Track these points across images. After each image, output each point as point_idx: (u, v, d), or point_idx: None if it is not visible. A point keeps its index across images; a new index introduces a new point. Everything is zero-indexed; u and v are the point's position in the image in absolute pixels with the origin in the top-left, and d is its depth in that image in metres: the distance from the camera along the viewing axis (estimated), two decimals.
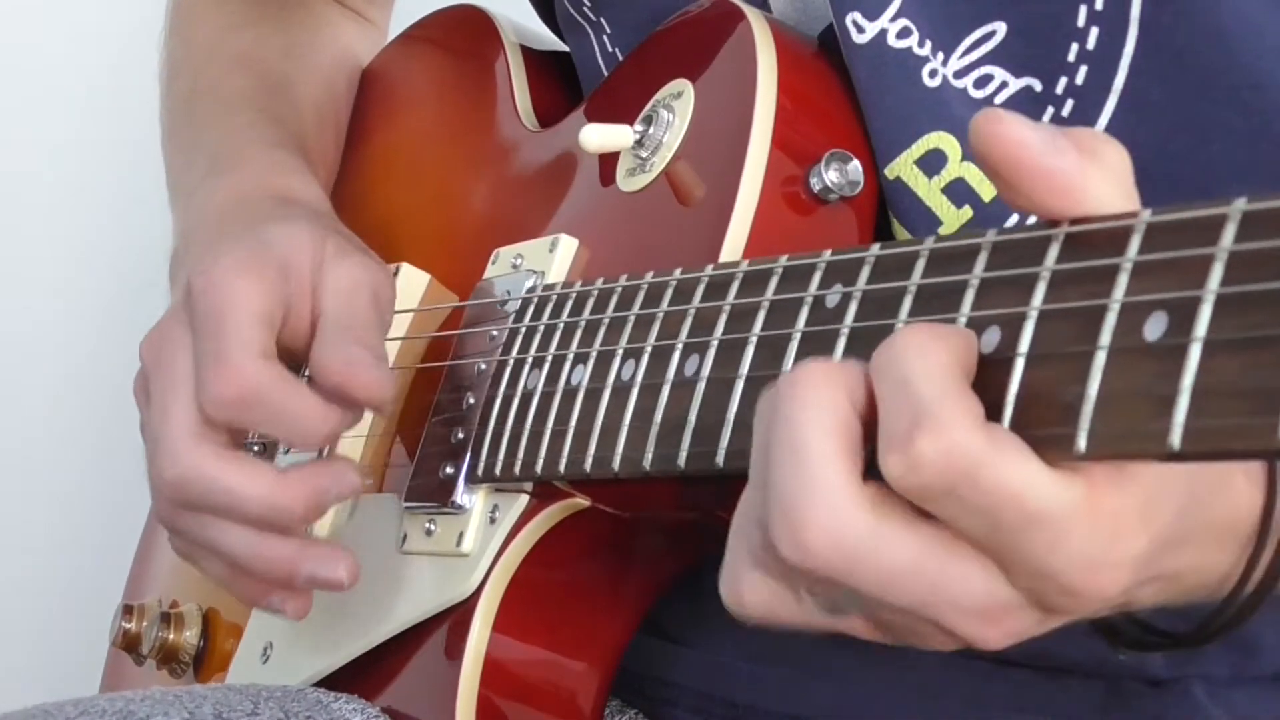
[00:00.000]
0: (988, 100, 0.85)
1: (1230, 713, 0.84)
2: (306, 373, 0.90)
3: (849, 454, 0.61)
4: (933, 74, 0.85)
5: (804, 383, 0.63)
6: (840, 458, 0.61)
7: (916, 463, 0.59)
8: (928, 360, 0.60)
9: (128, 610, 1.13)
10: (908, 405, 0.60)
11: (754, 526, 0.65)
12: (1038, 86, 0.84)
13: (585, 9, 1.01)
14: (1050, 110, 0.84)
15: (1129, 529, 0.61)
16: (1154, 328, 0.57)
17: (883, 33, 0.85)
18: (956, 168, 0.85)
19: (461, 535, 0.89)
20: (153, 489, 0.90)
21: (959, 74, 0.85)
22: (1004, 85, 0.85)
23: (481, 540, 0.88)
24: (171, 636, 1.10)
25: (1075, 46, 0.83)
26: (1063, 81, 0.84)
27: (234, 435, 0.89)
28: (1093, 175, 0.62)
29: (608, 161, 0.92)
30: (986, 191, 0.84)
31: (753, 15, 0.88)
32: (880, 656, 0.89)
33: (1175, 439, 0.55)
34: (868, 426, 0.62)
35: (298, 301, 0.90)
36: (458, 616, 0.88)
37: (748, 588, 0.66)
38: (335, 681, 0.95)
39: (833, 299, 0.70)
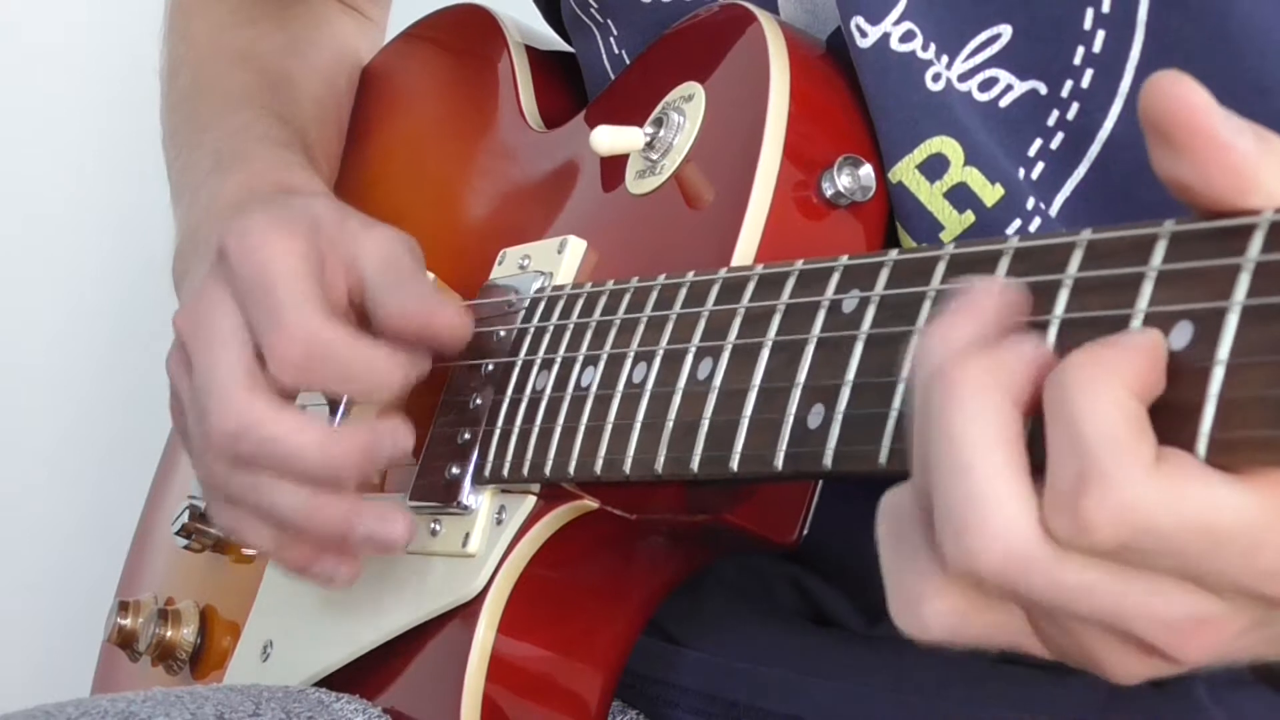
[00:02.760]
0: (992, 103, 0.85)
1: (1232, 714, 0.85)
2: None
3: (1016, 465, 0.57)
4: (936, 78, 0.85)
5: (962, 385, 0.58)
6: (1007, 470, 0.57)
7: (1086, 526, 0.55)
8: (1097, 402, 0.56)
9: (123, 606, 1.12)
10: (1074, 457, 0.56)
11: (917, 532, 0.60)
12: (1043, 89, 0.85)
13: (592, 10, 1.01)
14: (1055, 113, 0.85)
15: None
16: (1179, 337, 0.57)
17: (885, 36, 0.85)
18: (959, 173, 0.85)
19: (467, 536, 0.88)
20: (204, 449, 0.89)
21: (963, 77, 0.85)
22: (1009, 88, 0.85)
23: (488, 541, 0.88)
24: (169, 634, 1.10)
25: (1081, 50, 0.83)
26: (1068, 85, 0.84)
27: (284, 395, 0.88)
28: (1268, 165, 0.58)
29: (616, 164, 0.92)
30: (989, 196, 0.85)
31: (765, 19, 0.88)
32: (881, 657, 0.90)
33: (1201, 448, 0.55)
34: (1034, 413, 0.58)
35: (331, 260, 0.89)
36: (463, 617, 0.88)
37: (929, 605, 0.60)
38: (336, 681, 0.95)
39: (850, 304, 0.70)
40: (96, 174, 1.82)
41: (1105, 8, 0.82)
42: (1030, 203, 0.84)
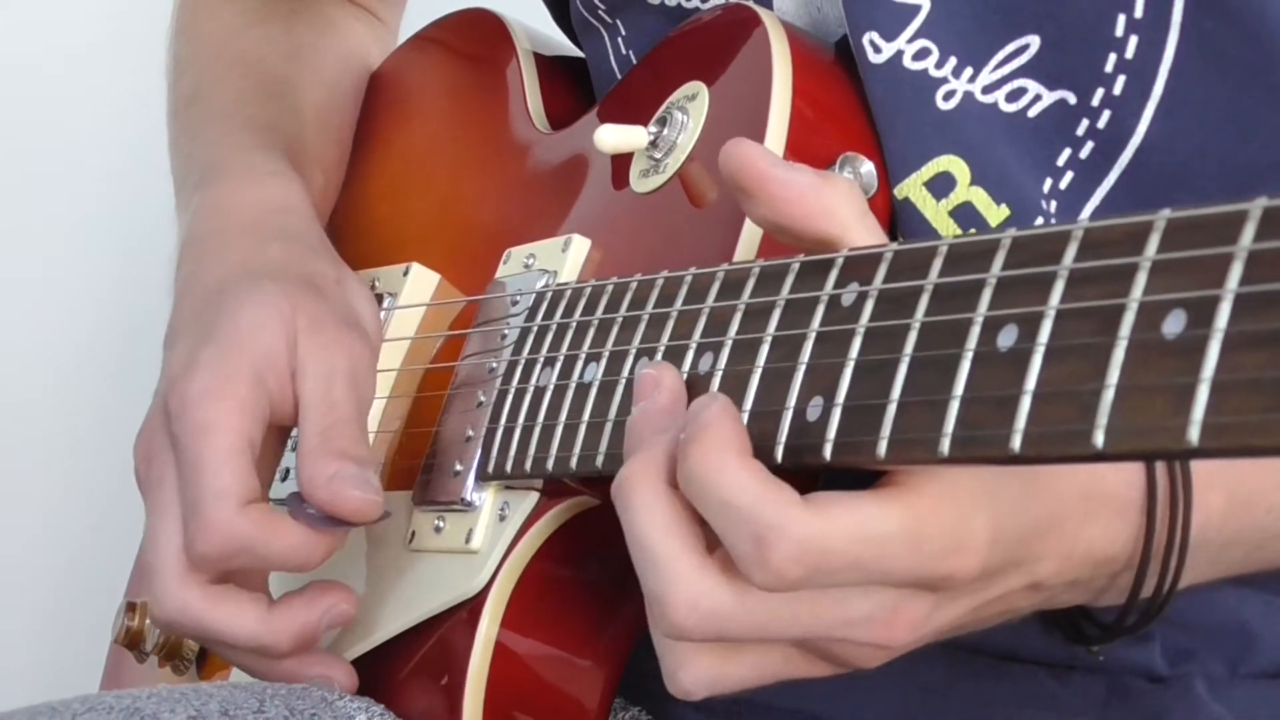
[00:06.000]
0: (1020, 114, 0.85)
1: (1231, 709, 0.85)
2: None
3: (690, 539, 0.68)
4: (948, 95, 0.85)
5: (629, 487, 0.70)
6: (684, 547, 0.68)
7: (782, 574, 0.65)
8: (730, 477, 0.66)
9: (130, 607, 1.12)
10: (742, 527, 0.65)
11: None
12: (1072, 99, 0.84)
13: (600, 11, 1.01)
14: (1085, 123, 0.84)
15: (965, 510, 0.67)
16: (1173, 325, 0.57)
17: (899, 54, 0.85)
18: (965, 191, 0.85)
19: (471, 532, 0.89)
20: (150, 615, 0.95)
21: (989, 88, 0.85)
22: (1037, 98, 0.85)
23: (491, 537, 0.88)
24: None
25: (1114, 56, 0.83)
26: (1099, 93, 0.84)
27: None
28: (828, 192, 0.71)
29: (621, 162, 0.92)
30: (993, 216, 0.85)
31: (768, 19, 0.88)
32: None
33: (1193, 434, 0.56)
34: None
35: (278, 396, 0.90)
36: (466, 613, 0.88)
37: (684, 674, 0.71)
38: None
39: (848, 298, 0.71)
40: (101, 174, 1.82)
41: (1138, 13, 0.82)
42: (1039, 221, 0.84)
